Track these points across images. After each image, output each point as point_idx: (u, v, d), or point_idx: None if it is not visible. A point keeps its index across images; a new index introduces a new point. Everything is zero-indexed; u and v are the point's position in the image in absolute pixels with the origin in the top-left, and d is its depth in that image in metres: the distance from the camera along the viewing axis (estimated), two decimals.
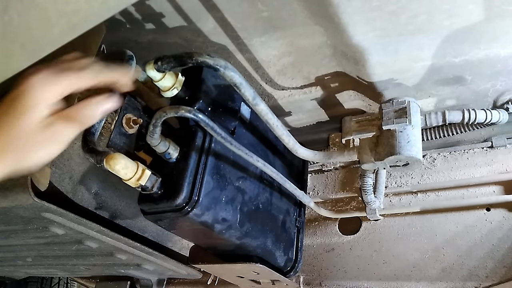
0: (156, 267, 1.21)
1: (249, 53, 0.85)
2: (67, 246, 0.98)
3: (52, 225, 0.80)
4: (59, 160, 0.67)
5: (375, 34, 0.75)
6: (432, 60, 0.82)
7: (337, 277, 1.19)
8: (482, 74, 0.86)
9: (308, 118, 1.12)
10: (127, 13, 0.74)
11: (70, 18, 0.39)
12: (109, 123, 0.68)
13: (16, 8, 0.36)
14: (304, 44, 0.82)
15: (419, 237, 1.11)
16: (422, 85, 0.90)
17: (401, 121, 0.85)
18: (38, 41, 0.41)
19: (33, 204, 0.67)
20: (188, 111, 0.59)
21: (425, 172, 1.16)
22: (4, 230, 0.88)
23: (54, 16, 0.38)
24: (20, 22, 0.37)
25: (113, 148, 0.67)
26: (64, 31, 0.41)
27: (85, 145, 0.66)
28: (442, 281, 1.05)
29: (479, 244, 1.04)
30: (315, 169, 1.31)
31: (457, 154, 1.15)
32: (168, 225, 0.76)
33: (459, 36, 0.74)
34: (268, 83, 0.96)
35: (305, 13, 0.72)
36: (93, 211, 0.81)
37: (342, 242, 1.22)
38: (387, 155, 0.85)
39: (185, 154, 0.70)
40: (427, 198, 1.14)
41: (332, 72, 0.91)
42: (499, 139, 1.09)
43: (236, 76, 0.55)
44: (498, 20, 0.70)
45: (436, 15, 0.70)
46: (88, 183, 0.75)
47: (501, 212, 1.05)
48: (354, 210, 1.20)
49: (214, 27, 0.77)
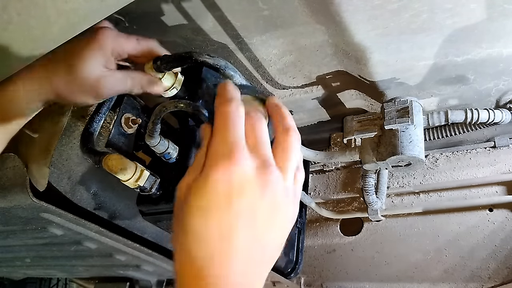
0: (156, 268, 1.20)
1: (249, 52, 0.85)
2: (65, 246, 0.97)
3: (51, 225, 0.79)
4: (57, 160, 0.66)
5: (376, 33, 0.74)
6: (434, 59, 0.81)
7: (338, 279, 1.18)
8: (485, 73, 0.85)
9: (309, 117, 1.12)
10: (126, 11, 0.73)
11: (69, 16, 0.39)
12: (108, 123, 0.68)
13: (16, 7, 0.35)
14: (305, 43, 0.82)
15: (421, 238, 1.11)
16: (424, 85, 0.89)
17: (403, 121, 0.84)
18: (37, 40, 0.40)
19: (32, 205, 0.67)
20: (187, 105, 0.58)
21: (427, 172, 1.15)
22: (3, 231, 0.88)
23: (53, 14, 0.38)
24: (19, 21, 0.36)
25: (112, 148, 0.67)
26: (64, 30, 0.41)
27: (83, 145, 0.65)
28: (444, 282, 1.05)
29: (482, 245, 1.04)
30: (316, 169, 1.30)
31: (459, 154, 1.14)
32: (167, 226, 0.75)
33: (462, 35, 0.74)
34: (269, 82, 0.96)
35: (306, 11, 0.72)
36: (92, 211, 0.80)
37: (344, 243, 1.22)
38: (389, 155, 0.85)
39: (185, 154, 0.69)
40: (429, 199, 1.13)
41: (334, 71, 0.91)
42: (501, 139, 1.09)
43: (236, 75, 0.55)
44: (501, 19, 0.70)
45: (439, 14, 0.69)
46: (87, 183, 0.75)
47: (504, 212, 1.04)
48: (356, 210, 1.20)
49: (214, 26, 0.77)
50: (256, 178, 0.34)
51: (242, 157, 0.33)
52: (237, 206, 0.33)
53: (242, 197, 0.33)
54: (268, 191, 0.34)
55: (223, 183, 0.32)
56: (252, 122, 0.37)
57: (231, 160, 0.33)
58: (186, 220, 0.33)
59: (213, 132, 0.36)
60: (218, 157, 0.34)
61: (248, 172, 0.33)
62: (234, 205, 0.32)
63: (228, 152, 0.33)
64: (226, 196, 0.32)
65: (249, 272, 0.34)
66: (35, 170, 0.65)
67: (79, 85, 0.49)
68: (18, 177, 0.65)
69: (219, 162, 0.33)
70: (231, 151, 0.33)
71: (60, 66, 0.49)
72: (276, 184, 0.35)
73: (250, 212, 0.33)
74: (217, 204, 0.32)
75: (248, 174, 0.33)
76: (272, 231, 0.35)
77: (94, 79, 0.50)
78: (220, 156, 0.33)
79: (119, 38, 0.52)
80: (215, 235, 0.32)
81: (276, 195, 0.34)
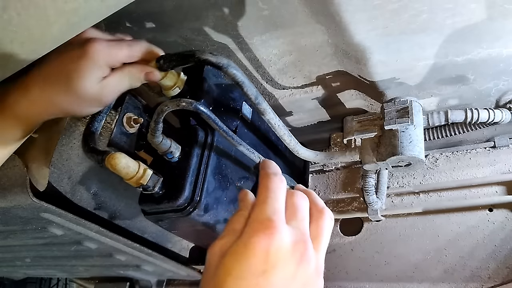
0: (156, 268, 1.20)
1: (249, 52, 0.85)
2: (66, 246, 0.97)
3: (51, 225, 0.79)
4: (57, 160, 0.66)
5: (376, 33, 0.74)
6: (434, 59, 0.81)
7: (338, 278, 1.18)
8: (485, 73, 0.85)
9: (309, 117, 1.12)
10: (126, 11, 0.73)
11: (69, 16, 0.39)
12: (109, 122, 0.68)
13: (16, 7, 0.35)
14: (305, 43, 0.82)
15: (421, 238, 1.11)
16: (424, 85, 0.89)
17: (403, 121, 0.84)
18: (37, 40, 0.40)
19: (32, 205, 0.67)
20: (189, 104, 0.58)
21: (427, 172, 1.15)
22: (3, 231, 0.88)
23: (53, 14, 0.38)
24: (19, 21, 0.36)
25: (114, 147, 0.67)
26: (63, 30, 0.41)
27: (85, 145, 0.65)
28: (444, 282, 1.05)
29: (482, 245, 1.03)
30: (316, 169, 1.30)
31: (459, 154, 1.14)
32: (169, 226, 0.75)
33: (462, 35, 0.74)
34: (269, 82, 0.96)
35: (306, 11, 0.72)
36: (92, 211, 0.80)
37: (344, 243, 1.22)
38: (389, 155, 0.85)
39: (187, 154, 0.69)
40: (429, 199, 1.13)
41: (334, 71, 0.91)
42: (501, 139, 1.09)
43: (238, 74, 0.55)
44: (501, 19, 0.70)
45: (439, 13, 0.69)
46: (87, 183, 0.74)
47: (503, 212, 1.04)
48: (356, 210, 1.20)
49: (214, 26, 0.77)
50: (293, 251, 0.35)
51: (283, 227, 0.36)
52: (272, 276, 0.34)
53: (277, 268, 0.34)
54: (302, 268, 0.35)
55: (262, 249, 0.34)
56: (294, 199, 0.40)
57: (273, 229, 0.35)
58: (221, 282, 0.34)
59: (257, 201, 0.38)
60: (260, 225, 0.35)
61: (287, 243, 0.35)
62: (270, 274, 0.34)
63: (270, 221, 0.35)
64: (263, 263, 0.34)
65: None
66: (35, 170, 0.65)
67: (82, 100, 0.51)
68: (18, 177, 0.65)
69: (260, 229, 0.35)
70: (273, 220, 0.35)
71: (58, 86, 0.49)
72: (310, 261, 0.36)
73: (283, 285, 0.34)
74: (254, 270, 0.33)
75: (286, 245, 0.35)
76: None
77: (95, 92, 0.51)
78: (262, 224, 0.35)
79: (111, 49, 0.51)
80: None
81: (309, 273, 0.36)
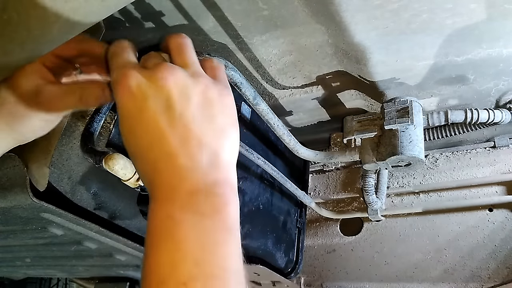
0: None
1: (249, 52, 0.85)
2: (66, 246, 0.97)
3: (51, 225, 0.79)
4: (57, 160, 0.66)
5: (376, 33, 0.74)
6: (434, 59, 0.81)
7: (338, 278, 1.18)
8: (485, 73, 0.85)
9: (309, 117, 1.12)
10: (127, 11, 0.73)
11: (69, 16, 0.39)
12: (108, 122, 0.68)
13: (15, 7, 0.35)
14: (305, 42, 0.82)
15: (421, 238, 1.11)
16: (424, 85, 0.89)
17: (403, 121, 0.84)
18: (37, 40, 0.40)
19: (32, 205, 0.66)
20: None
21: (427, 172, 1.15)
22: (3, 231, 0.88)
23: (53, 14, 0.37)
24: (19, 21, 0.36)
25: (113, 148, 0.67)
26: (63, 30, 0.41)
27: (84, 145, 0.65)
28: (444, 282, 1.05)
29: (482, 245, 1.04)
30: (316, 169, 1.30)
31: (459, 154, 1.14)
32: None
33: (462, 35, 0.74)
34: (269, 82, 0.96)
35: (306, 11, 0.72)
36: (92, 211, 0.80)
37: (344, 243, 1.22)
38: (389, 155, 0.85)
39: None
40: (429, 199, 1.13)
41: (334, 71, 0.91)
42: (501, 139, 1.09)
43: (236, 75, 0.55)
44: (501, 19, 0.70)
45: (439, 14, 0.69)
46: (87, 183, 0.74)
47: (503, 212, 1.04)
48: (356, 210, 1.20)
49: (214, 26, 0.77)
50: (194, 83, 0.42)
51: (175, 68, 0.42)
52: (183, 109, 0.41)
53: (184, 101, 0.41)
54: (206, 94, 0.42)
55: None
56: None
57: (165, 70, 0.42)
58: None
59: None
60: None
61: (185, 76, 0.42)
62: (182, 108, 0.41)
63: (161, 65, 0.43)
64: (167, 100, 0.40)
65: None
66: (35, 170, 0.65)
67: (24, 101, 0.44)
68: (18, 177, 0.65)
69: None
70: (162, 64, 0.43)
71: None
72: (210, 87, 0.42)
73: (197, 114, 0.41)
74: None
75: (186, 78, 0.42)
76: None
77: (33, 92, 0.44)
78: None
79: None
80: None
81: (214, 96, 0.42)
